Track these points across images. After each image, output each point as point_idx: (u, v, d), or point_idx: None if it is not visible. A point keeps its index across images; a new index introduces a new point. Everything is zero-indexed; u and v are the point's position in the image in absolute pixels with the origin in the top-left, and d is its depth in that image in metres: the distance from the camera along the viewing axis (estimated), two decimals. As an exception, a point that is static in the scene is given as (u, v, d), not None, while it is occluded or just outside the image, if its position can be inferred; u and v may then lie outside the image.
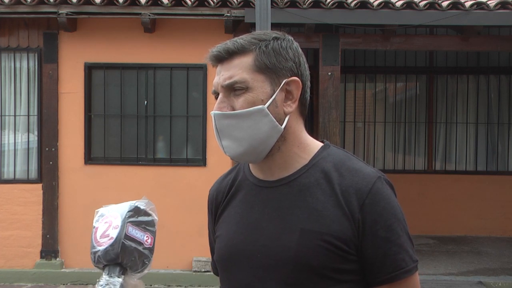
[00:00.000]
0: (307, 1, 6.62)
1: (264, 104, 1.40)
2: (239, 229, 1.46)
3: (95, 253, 1.23)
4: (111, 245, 1.21)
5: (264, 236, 1.42)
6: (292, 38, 1.49)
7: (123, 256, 1.21)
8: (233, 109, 1.41)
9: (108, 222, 1.24)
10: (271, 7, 5.33)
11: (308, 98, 1.50)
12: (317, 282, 1.37)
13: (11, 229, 7.15)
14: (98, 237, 1.23)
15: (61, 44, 7.17)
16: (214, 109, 1.43)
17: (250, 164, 1.52)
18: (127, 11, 6.80)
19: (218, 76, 1.44)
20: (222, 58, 1.43)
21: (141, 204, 1.31)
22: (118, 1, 6.74)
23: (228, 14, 6.67)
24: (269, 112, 1.40)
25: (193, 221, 6.92)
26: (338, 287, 1.38)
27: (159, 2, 6.72)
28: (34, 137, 7.32)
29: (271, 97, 1.41)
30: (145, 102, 7.23)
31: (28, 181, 7.25)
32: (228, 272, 1.49)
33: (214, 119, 1.42)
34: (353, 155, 1.51)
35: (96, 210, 1.29)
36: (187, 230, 7.01)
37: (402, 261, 1.39)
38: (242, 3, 6.65)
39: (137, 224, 1.25)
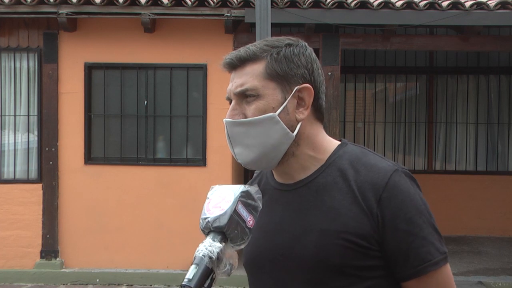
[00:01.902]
0: (307, 1, 6.62)
1: (275, 112, 1.41)
2: (262, 233, 1.48)
3: (205, 219, 1.37)
4: (221, 215, 1.34)
5: (285, 238, 1.44)
6: (306, 44, 1.49)
7: (228, 227, 1.33)
8: (245, 117, 1.42)
9: (221, 196, 1.37)
10: (271, 7, 5.32)
11: (323, 102, 1.50)
12: (339, 281, 1.38)
13: (11, 229, 7.15)
14: (210, 207, 1.37)
15: (61, 44, 7.17)
16: (227, 116, 1.45)
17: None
18: (127, 11, 6.80)
19: (232, 83, 1.45)
20: (235, 65, 1.45)
21: (252, 190, 1.40)
22: (118, 1, 6.74)
23: (228, 14, 6.67)
24: (280, 120, 1.41)
25: (193, 221, 6.89)
26: (362, 283, 1.38)
27: (159, 2, 6.72)
28: (34, 137, 7.31)
29: (282, 104, 1.42)
30: (145, 102, 7.22)
31: (28, 181, 7.25)
32: (254, 276, 1.52)
33: (226, 126, 1.44)
34: (371, 150, 1.50)
35: (212, 186, 1.42)
36: (187, 230, 6.99)
37: (427, 253, 1.38)
38: (242, 3, 6.65)
39: (246, 205, 1.35)
